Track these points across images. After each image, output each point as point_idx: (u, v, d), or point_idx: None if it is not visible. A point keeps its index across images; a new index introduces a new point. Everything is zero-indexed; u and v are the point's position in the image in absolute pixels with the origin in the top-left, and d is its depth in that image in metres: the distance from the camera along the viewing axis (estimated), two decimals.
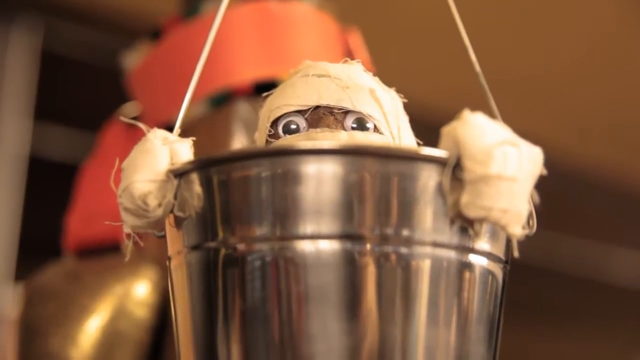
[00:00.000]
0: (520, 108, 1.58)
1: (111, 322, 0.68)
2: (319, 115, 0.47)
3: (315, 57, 0.73)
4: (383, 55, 0.82)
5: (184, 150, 0.44)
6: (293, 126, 0.47)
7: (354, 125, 0.47)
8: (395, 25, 1.77)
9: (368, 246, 0.41)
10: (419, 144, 0.49)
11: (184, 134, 0.47)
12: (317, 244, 0.41)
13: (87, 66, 1.74)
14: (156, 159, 0.43)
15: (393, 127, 0.48)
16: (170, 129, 0.47)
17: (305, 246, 0.41)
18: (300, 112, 0.47)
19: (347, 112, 0.47)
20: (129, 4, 1.67)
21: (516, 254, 0.43)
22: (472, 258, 0.43)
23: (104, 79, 1.28)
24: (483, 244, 0.43)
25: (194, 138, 0.45)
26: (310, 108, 0.47)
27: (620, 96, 2.07)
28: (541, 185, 0.43)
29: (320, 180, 0.41)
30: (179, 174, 0.43)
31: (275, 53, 0.72)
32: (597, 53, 1.96)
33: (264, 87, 0.50)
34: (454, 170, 0.41)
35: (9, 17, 1.65)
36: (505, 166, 0.41)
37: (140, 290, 0.69)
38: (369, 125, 0.47)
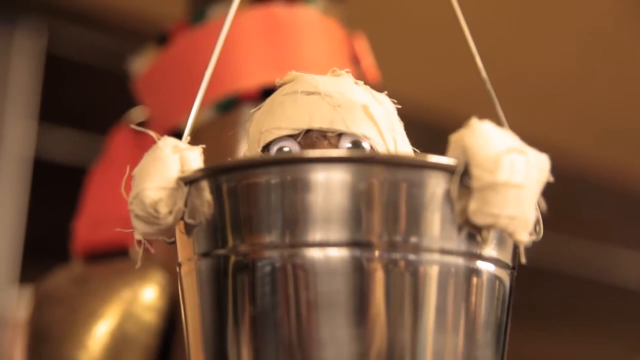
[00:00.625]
0: (523, 109, 1.59)
1: (119, 326, 0.68)
2: (312, 140, 0.46)
3: (322, 62, 0.73)
4: (388, 60, 0.82)
5: (194, 158, 0.44)
6: (286, 149, 0.47)
7: (350, 147, 0.46)
8: (401, 29, 1.77)
9: (376, 253, 0.41)
10: (415, 153, 0.49)
11: (191, 139, 0.47)
12: (326, 251, 0.41)
13: (91, 68, 1.74)
14: (167, 167, 0.43)
15: (389, 142, 0.47)
16: (178, 134, 0.47)
17: (315, 253, 0.41)
18: (292, 136, 0.46)
19: (341, 134, 0.46)
20: (133, 6, 1.67)
21: (523, 260, 0.43)
22: (480, 264, 0.43)
23: (108, 82, 1.28)
24: (490, 250, 0.43)
25: (204, 145, 0.46)
26: (302, 132, 0.46)
27: (625, 98, 2.07)
28: (545, 187, 0.44)
29: (329, 188, 0.41)
30: (190, 181, 0.43)
31: (282, 58, 0.72)
32: (600, 53, 1.96)
33: (270, 92, 0.50)
34: (462, 177, 0.41)
35: (14, 19, 1.66)
36: (513, 174, 0.41)
37: (148, 294, 0.69)
38: (365, 145, 0.46)
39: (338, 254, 0.41)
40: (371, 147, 0.47)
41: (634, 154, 2.23)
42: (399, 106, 0.49)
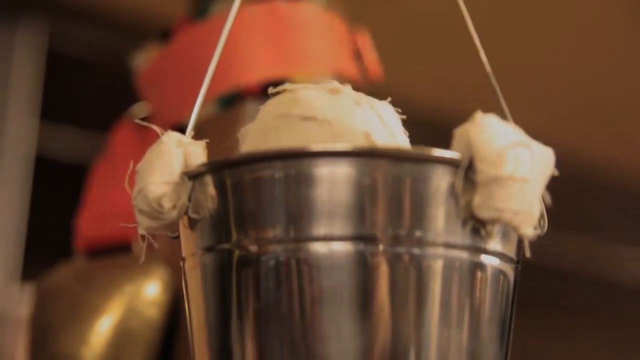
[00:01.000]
0: (524, 106, 1.59)
1: (122, 321, 0.68)
2: None
3: (324, 57, 0.73)
4: (391, 56, 0.82)
5: (198, 153, 0.44)
6: None
7: None
8: (403, 25, 1.77)
9: (380, 247, 0.41)
10: None
11: (194, 134, 0.47)
12: (330, 245, 0.41)
13: (93, 66, 1.75)
14: (170, 162, 0.44)
15: None
16: (180, 129, 0.47)
17: (319, 248, 0.41)
18: None
19: None
20: (134, 3, 1.68)
21: (528, 254, 0.43)
22: (484, 258, 0.43)
23: (110, 79, 1.29)
24: (495, 244, 0.43)
25: (207, 140, 0.46)
26: None
27: (628, 95, 2.07)
28: (549, 184, 0.44)
29: (333, 182, 0.41)
30: (193, 176, 0.43)
31: (285, 53, 0.72)
32: (602, 50, 1.96)
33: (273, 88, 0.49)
34: (466, 171, 0.41)
35: (15, 16, 1.66)
36: (517, 167, 0.41)
37: (151, 290, 0.69)
38: None
39: (342, 248, 0.41)
40: None
41: (636, 151, 2.23)
42: (404, 117, 0.47)
